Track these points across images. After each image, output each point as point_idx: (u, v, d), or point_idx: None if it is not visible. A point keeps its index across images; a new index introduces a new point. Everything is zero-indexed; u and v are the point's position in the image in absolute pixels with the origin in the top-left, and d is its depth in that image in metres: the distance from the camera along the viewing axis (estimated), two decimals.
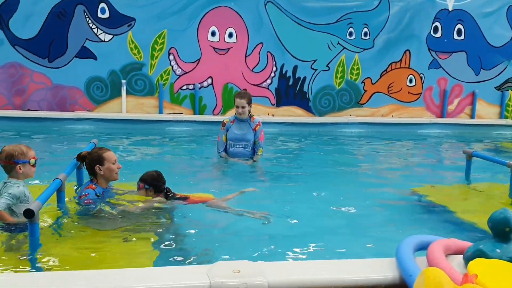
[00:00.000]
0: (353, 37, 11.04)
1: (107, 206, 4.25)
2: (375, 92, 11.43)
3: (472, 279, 2.00)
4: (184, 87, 10.61)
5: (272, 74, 10.90)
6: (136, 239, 3.65)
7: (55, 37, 9.95)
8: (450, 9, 11.29)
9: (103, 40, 10.12)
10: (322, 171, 6.70)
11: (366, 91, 11.39)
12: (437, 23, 11.33)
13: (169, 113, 10.52)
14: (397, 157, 8.36)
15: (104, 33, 10.09)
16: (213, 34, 10.49)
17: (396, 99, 11.54)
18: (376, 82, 11.38)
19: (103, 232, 3.76)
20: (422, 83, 11.59)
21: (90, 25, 10.01)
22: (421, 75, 11.54)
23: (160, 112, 10.47)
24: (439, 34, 11.40)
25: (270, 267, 2.42)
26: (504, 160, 5.35)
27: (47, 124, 9.47)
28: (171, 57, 10.43)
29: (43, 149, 7.08)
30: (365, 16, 11.00)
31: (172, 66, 10.48)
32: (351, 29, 10.99)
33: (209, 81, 10.66)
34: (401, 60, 11.37)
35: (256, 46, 10.71)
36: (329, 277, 2.39)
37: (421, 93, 11.63)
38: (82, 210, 4.12)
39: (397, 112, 11.58)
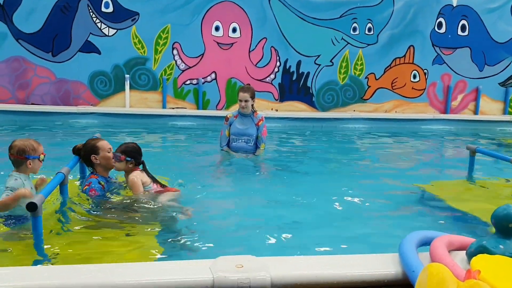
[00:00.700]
0: (357, 32, 11.00)
1: (110, 199, 4.27)
2: (379, 88, 11.40)
3: (475, 275, 2.00)
4: (188, 82, 10.60)
5: (276, 69, 10.89)
6: (139, 233, 3.66)
7: (59, 31, 9.95)
8: (454, 5, 11.23)
9: (107, 34, 10.12)
10: (325, 166, 6.70)
11: (369, 86, 11.36)
12: (441, 19, 11.28)
13: (173, 108, 10.52)
14: (400, 153, 8.35)
15: (108, 28, 10.09)
16: (217, 29, 10.48)
17: (399, 94, 11.51)
18: (379, 78, 11.35)
19: (106, 225, 3.77)
20: (426, 79, 11.55)
21: (94, 19, 10.00)
22: (425, 70, 11.50)
23: (164, 107, 10.48)
24: (443, 30, 11.35)
25: (273, 262, 2.42)
26: (507, 156, 5.34)
27: (51, 118, 9.49)
28: (175, 51, 10.43)
29: (46, 143, 7.03)
30: (369, 12, 10.96)
31: (176, 61, 10.47)
32: (355, 25, 10.95)
33: (213, 76, 10.65)
34: (405, 55, 11.34)
35: (259, 41, 10.69)
36: (332, 272, 2.39)
37: (424, 89, 11.60)
38: (85, 203, 4.13)
39: (401, 107, 11.56)
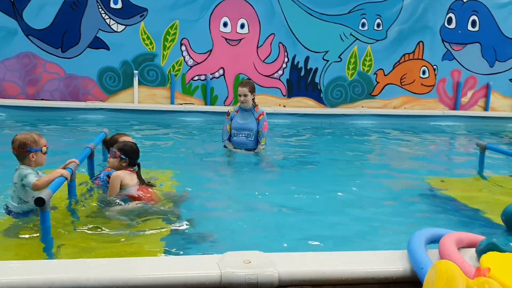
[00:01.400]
0: (365, 28, 10.95)
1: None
2: (388, 84, 11.34)
3: (484, 273, 1.98)
4: (196, 78, 10.61)
5: (284, 65, 10.86)
6: (148, 228, 3.67)
7: (68, 27, 9.99)
8: (465, 0, 11.14)
9: (116, 30, 10.14)
10: (333, 162, 6.68)
11: (378, 82, 11.31)
12: (451, 14, 11.19)
13: (181, 104, 10.53)
14: (409, 149, 8.31)
15: (116, 24, 10.11)
16: (225, 25, 10.47)
17: (408, 90, 11.45)
18: (388, 74, 11.29)
19: (115, 220, 3.78)
20: (435, 75, 11.48)
21: (103, 15, 10.03)
22: (434, 66, 11.43)
23: (172, 103, 10.49)
24: (453, 25, 11.27)
25: (280, 258, 2.42)
26: None
27: (60, 114, 9.54)
28: (183, 47, 10.43)
29: (55, 138, 7.13)
30: (378, 7, 10.90)
31: (184, 57, 10.48)
32: (364, 20, 10.90)
33: (221, 72, 10.65)
34: (414, 51, 11.27)
35: (268, 37, 10.66)
36: (340, 269, 2.39)
37: (434, 85, 11.53)
38: (94, 198, 4.15)
39: (410, 104, 11.50)
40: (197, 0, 10.29)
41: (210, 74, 10.60)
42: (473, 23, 11.31)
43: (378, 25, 10.99)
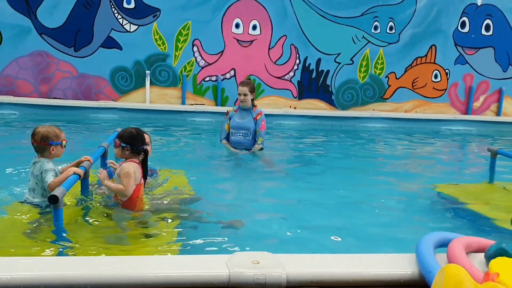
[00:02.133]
0: (378, 31, 10.92)
1: None
2: (399, 87, 11.31)
3: (493, 278, 1.98)
4: (207, 79, 10.65)
5: (295, 67, 10.87)
6: (158, 227, 3.69)
7: (81, 26, 10.07)
8: (479, 4, 11.07)
9: (129, 30, 10.21)
10: (343, 164, 6.67)
11: (390, 85, 11.28)
12: (464, 18, 11.13)
13: (192, 104, 10.58)
14: (420, 153, 8.27)
15: (129, 24, 10.18)
16: (237, 26, 10.50)
17: (420, 94, 11.41)
18: (400, 77, 11.25)
19: (126, 219, 3.81)
20: (448, 79, 11.42)
21: (116, 15, 10.10)
22: (446, 70, 11.37)
23: (183, 103, 10.54)
24: (466, 29, 11.20)
25: (289, 259, 2.42)
26: None
27: (72, 112, 9.62)
28: (195, 48, 10.48)
29: (67, 137, 7.16)
30: (391, 10, 10.87)
31: (196, 58, 10.52)
32: (376, 23, 10.87)
33: (232, 73, 10.68)
34: (426, 55, 11.22)
35: (279, 39, 10.68)
36: (348, 271, 2.39)
37: (446, 89, 11.47)
38: (106, 196, 4.18)
39: (421, 108, 11.44)
40: (210, 1, 10.33)
41: (221, 75, 10.63)
42: (487, 27, 11.24)
43: (391, 28, 10.96)
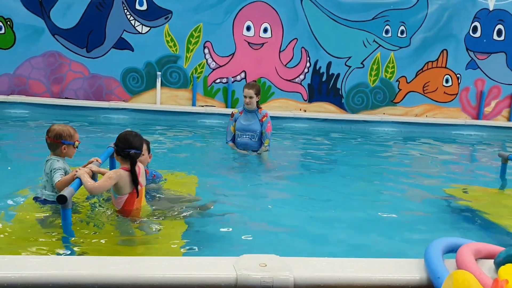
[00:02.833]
0: (389, 35, 10.89)
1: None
2: (410, 91, 11.26)
3: (502, 284, 1.97)
4: (218, 81, 10.67)
5: (306, 70, 10.86)
6: (166, 229, 3.70)
7: (94, 27, 10.14)
8: (491, 9, 11.00)
9: (140, 32, 10.26)
10: (352, 168, 6.66)
11: (400, 89, 11.23)
12: (476, 23, 11.06)
13: (202, 106, 10.61)
14: (430, 158, 8.23)
15: (141, 25, 10.23)
16: (248, 28, 10.52)
17: (431, 99, 11.34)
18: (411, 81, 11.20)
19: (132, 220, 3.83)
20: (459, 84, 11.35)
21: (128, 16, 10.16)
22: (457, 75, 11.30)
23: (193, 105, 10.57)
24: (478, 34, 11.13)
25: (296, 263, 2.43)
26: None
27: (83, 112, 9.69)
28: (206, 50, 10.51)
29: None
30: (402, 14, 10.83)
31: (207, 60, 10.56)
32: (387, 27, 10.84)
33: (242, 75, 10.69)
34: (437, 59, 11.16)
35: (290, 42, 10.68)
36: (355, 275, 2.38)
37: (457, 94, 11.40)
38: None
39: (432, 112, 11.38)
40: (221, 4, 10.36)
41: (232, 77, 10.65)
42: (499, 32, 11.16)
43: (402, 32, 10.92)
